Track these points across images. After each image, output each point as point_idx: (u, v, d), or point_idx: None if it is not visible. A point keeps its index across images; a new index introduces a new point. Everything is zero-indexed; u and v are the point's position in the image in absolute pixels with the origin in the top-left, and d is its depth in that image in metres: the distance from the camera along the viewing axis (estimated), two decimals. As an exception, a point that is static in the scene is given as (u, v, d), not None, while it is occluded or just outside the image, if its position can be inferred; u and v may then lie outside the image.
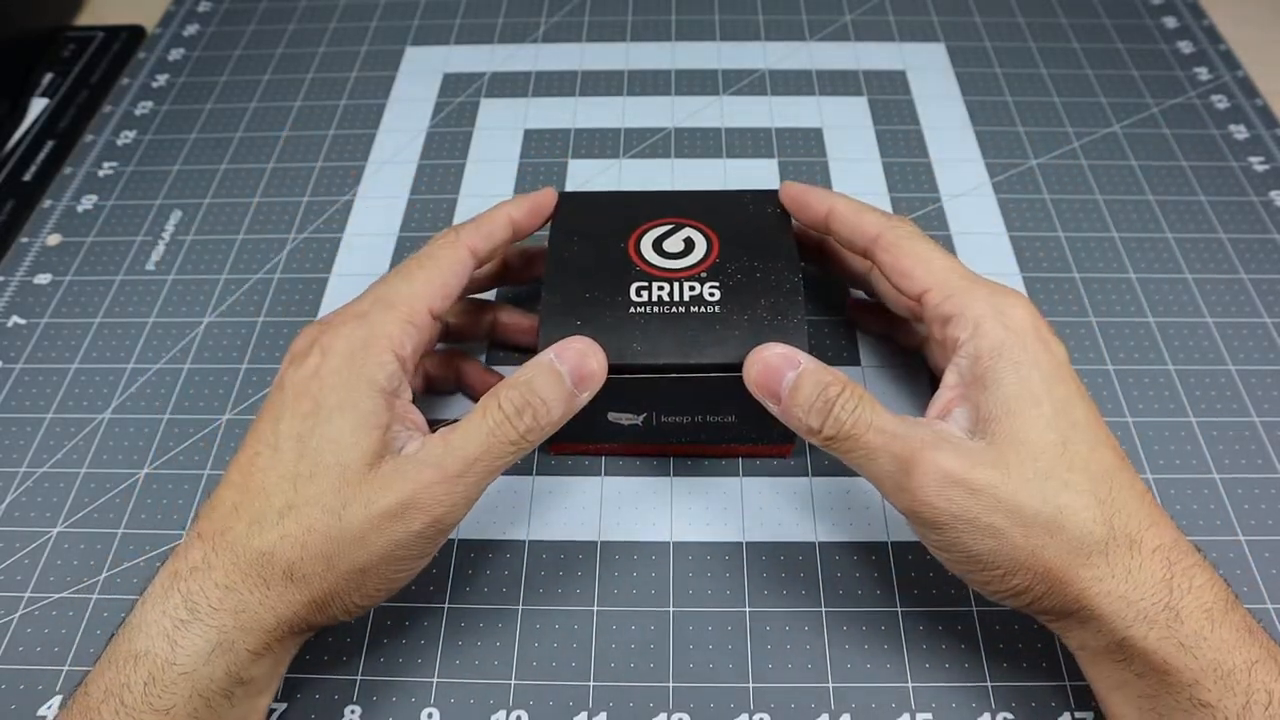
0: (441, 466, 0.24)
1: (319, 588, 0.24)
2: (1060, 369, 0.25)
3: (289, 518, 0.24)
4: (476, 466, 0.24)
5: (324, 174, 0.43)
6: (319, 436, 0.24)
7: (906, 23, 0.50)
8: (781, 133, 0.44)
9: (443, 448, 0.24)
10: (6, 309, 0.39)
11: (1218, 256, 0.39)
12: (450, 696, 0.28)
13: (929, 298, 0.27)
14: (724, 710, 0.27)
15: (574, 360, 0.26)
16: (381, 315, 0.27)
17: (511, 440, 0.25)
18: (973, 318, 0.26)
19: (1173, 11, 0.50)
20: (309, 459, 0.24)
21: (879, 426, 0.24)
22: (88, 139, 0.46)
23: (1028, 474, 0.23)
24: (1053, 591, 0.23)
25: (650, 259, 0.30)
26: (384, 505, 0.24)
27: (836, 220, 0.30)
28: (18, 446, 0.34)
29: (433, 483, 0.24)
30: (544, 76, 0.48)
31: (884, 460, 0.24)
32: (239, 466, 0.25)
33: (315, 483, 0.24)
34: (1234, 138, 0.44)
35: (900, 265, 0.28)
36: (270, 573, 0.23)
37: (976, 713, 0.27)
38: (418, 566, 0.26)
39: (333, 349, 0.26)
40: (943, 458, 0.24)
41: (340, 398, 0.25)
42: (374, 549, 0.24)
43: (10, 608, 0.30)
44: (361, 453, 0.24)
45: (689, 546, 0.31)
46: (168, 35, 0.51)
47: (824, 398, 0.25)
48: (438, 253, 0.29)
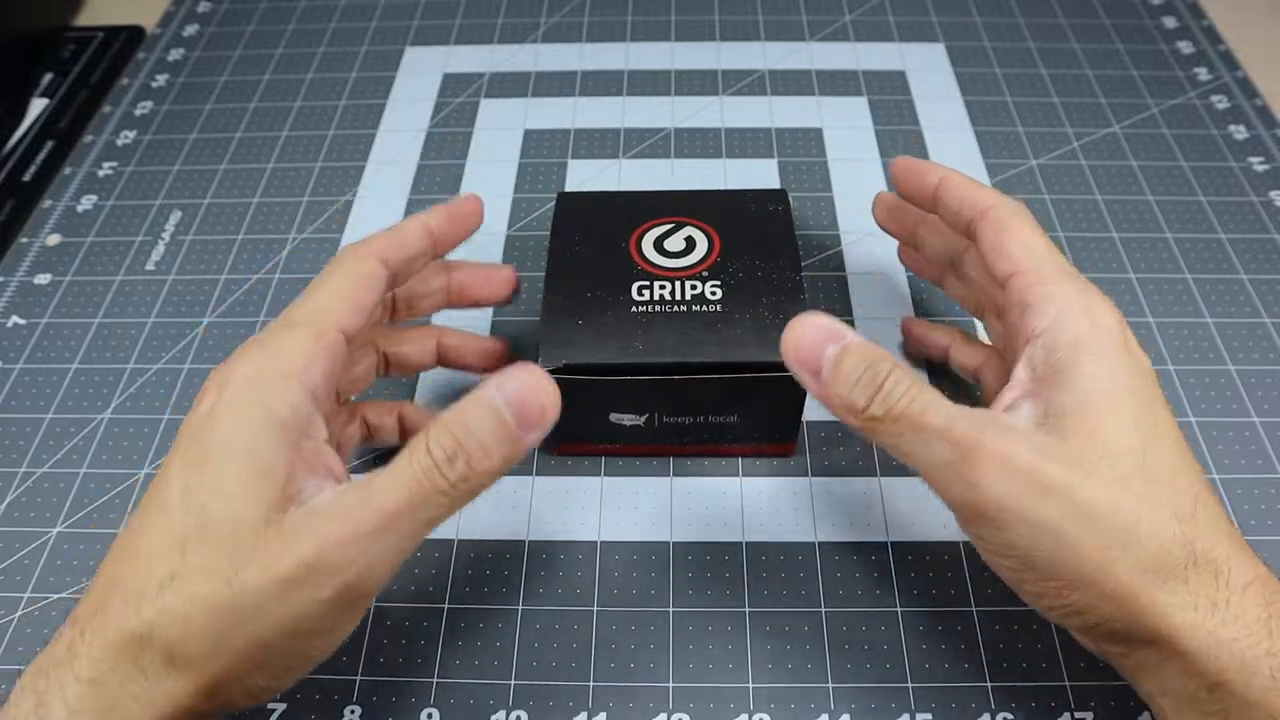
0: (355, 520, 0.20)
1: (209, 671, 0.20)
2: (1146, 376, 0.23)
3: (170, 590, 0.20)
4: (399, 523, 0.21)
5: (324, 174, 0.43)
6: (207, 489, 0.21)
7: (906, 23, 0.50)
8: (781, 133, 0.44)
9: (359, 498, 0.21)
10: (6, 309, 0.39)
11: (1217, 256, 0.39)
12: (450, 696, 0.28)
13: (1016, 280, 0.25)
14: (724, 710, 0.27)
15: (519, 396, 0.21)
16: (283, 338, 0.23)
17: (441, 490, 0.21)
18: (1056, 308, 0.23)
19: (1172, 11, 0.50)
20: (196, 516, 0.20)
21: (937, 408, 0.22)
22: (88, 139, 0.46)
23: (1104, 476, 0.21)
24: (1122, 614, 0.21)
25: (651, 258, 0.30)
26: (285, 568, 0.20)
27: (948, 190, 0.27)
28: (18, 446, 0.34)
29: (344, 540, 0.20)
30: (544, 76, 0.48)
31: (941, 446, 0.21)
32: (127, 529, 0.21)
33: (203, 545, 0.20)
34: (1234, 138, 0.44)
35: (1000, 241, 0.25)
36: (148, 658, 0.20)
37: (976, 713, 0.27)
38: (335, 640, 0.22)
39: (228, 383, 0.22)
40: (1012, 447, 0.21)
41: (232, 439, 0.21)
42: (275, 621, 0.20)
43: (10, 608, 0.30)
44: (258, 505, 0.20)
45: (689, 546, 0.31)
46: (168, 35, 0.51)
47: (872, 373, 0.22)
48: (344, 263, 0.25)
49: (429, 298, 0.30)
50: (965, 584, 0.30)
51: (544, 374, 0.22)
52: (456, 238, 0.28)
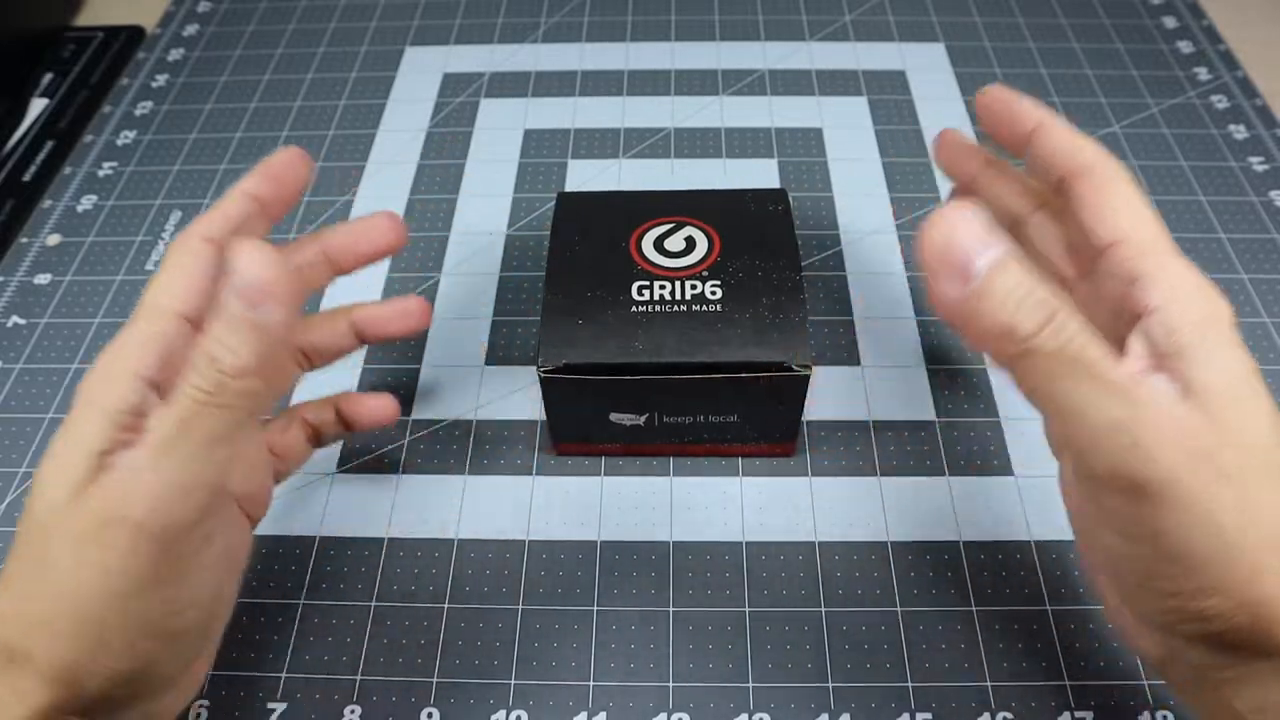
0: (131, 461, 0.20)
1: (49, 662, 0.19)
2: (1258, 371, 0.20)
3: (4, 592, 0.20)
4: (177, 448, 0.20)
5: (324, 174, 0.43)
6: (34, 485, 0.20)
7: (906, 23, 0.50)
8: (781, 133, 0.44)
9: (135, 443, 0.20)
10: (6, 309, 0.39)
11: (1217, 256, 0.39)
12: (450, 696, 0.28)
13: (1120, 249, 0.22)
14: (724, 710, 0.27)
15: (238, 274, 0.20)
16: (121, 334, 0.22)
17: (202, 401, 0.20)
18: (1171, 284, 0.21)
19: (1172, 11, 0.50)
20: (24, 515, 0.20)
21: (1104, 351, 0.19)
22: (87, 139, 0.46)
23: (1259, 466, 0.19)
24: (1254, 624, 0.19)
25: (652, 258, 0.30)
26: (85, 531, 0.19)
27: (1046, 137, 0.24)
28: (18, 446, 0.34)
29: (121, 483, 0.19)
30: (544, 76, 0.48)
31: (1110, 400, 0.19)
32: None
33: (27, 540, 0.20)
34: (1234, 138, 0.44)
35: (1106, 203, 0.22)
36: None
37: (976, 713, 0.27)
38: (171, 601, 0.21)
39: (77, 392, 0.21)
40: (1188, 415, 0.18)
41: (61, 436, 0.21)
42: (91, 589, 0.19)
43: (10, 608, 0.30)
44: (65, 483, 0.20)
45: (689, 546, 0.31)
46: (167, 35, 0.51)
47: (1041, 296, 0.19)
48: (168, 253, 0.24)
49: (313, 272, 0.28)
50: (965, 584, 0.30)
51: (258, 243, 0.21)
52: (281, 198, 0.26)
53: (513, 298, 0.38)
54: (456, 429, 0.34)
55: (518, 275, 0.39)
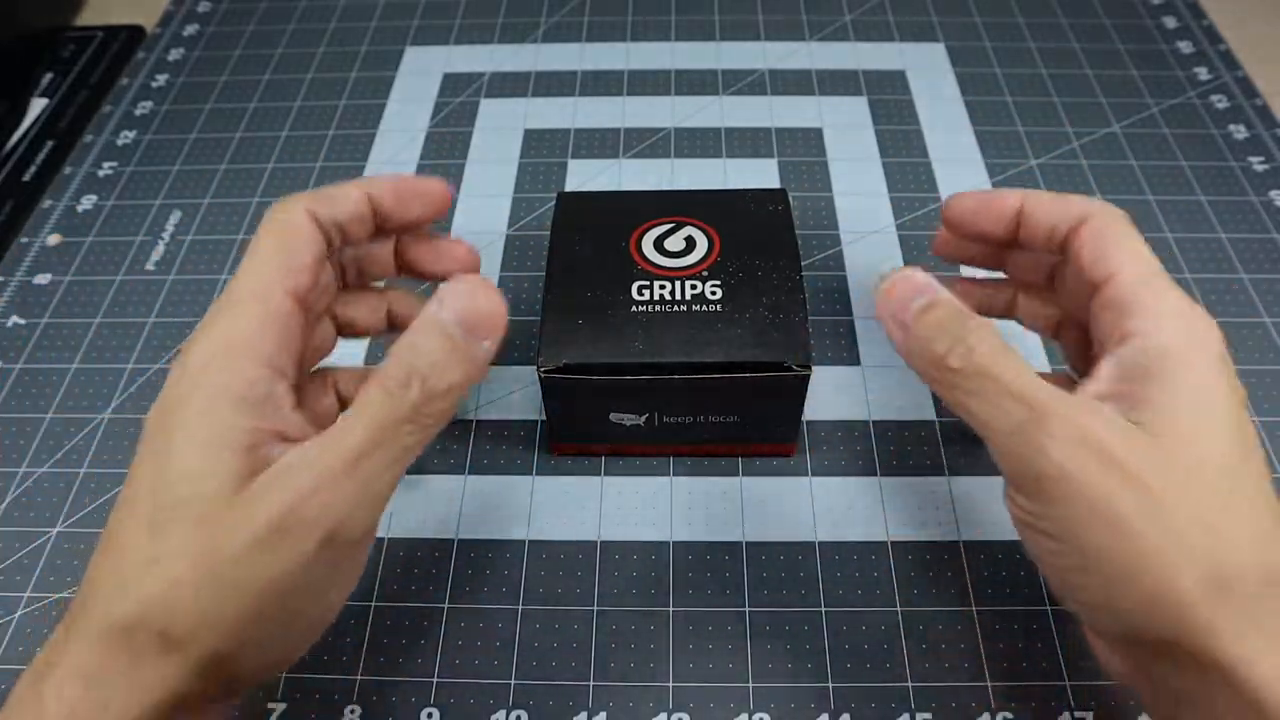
0: (321, 467, 0.20)
1: (204, 652, 0.20)
2: (1243, 404, 0.21)
3: (150, 575, 0.20)
4: (369, 461, 0.20)
5: (324, 174, 0.43)
6: (172, 471, 0.20)
7: (906, 23, 0.50)
8: (781, 133, 0.44)
9: (321, 446, 0.20)
10: (6, 309, 0.39)
11: (1218, 256, 0.39)
12: (450, 696, 0.28)
13: (1116, 281, 0.23)
14: (723, 710, 0.27)
15: (460, 304, 0.21)
16: (230, 315, 0.22)
17: (403, 418, 0.20)
18: (1158, 312, 0.22)
19: (1172, 11, 0.50)
20: (165, 499, 0.20)
21: (1017, 370, 0.21)
22: (88, 139, 0.46)
23: (1191, 481, 0.20)
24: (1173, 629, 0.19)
25: (651, 258, 0.30)
26: (259, 530, 0.19)
27: (1036, 208, 0.25)
28: (18, 446, 0.34)
29: (314, 489, 0.20)
30: (544, 76, 0.48)
31: (1012, 407, 0.21)
32: (103, 531, 0.21)
33: (176, 526, 0.20)
34: (1234, 138, 0.44)
35: (1102, 243, 0.24)
36: (139, 645, 0.19)
37: (976, 713, 0.27)
38: (333, 600, 0.22)
39: (184, 367, 0.21)
40: (1092, 421, 0.20)
41: (191, 420, 0.21)
42: (260, 587, 0.20)
43: (10, 608, 0.30)
44: (221, 479, 0.20)
45: (689, 546, 0.31)
46: (168, 35, 0.51)
47: (960, 326, 0.22)
48: (271, 223, 0.23)
49: (377, 264, 0.28)
50: (965, 584, 0.30)
51: (485, 281, 0.22)
52: (405, 216, 0.26)
53: (513, 298, 0.38)
54: (456, 429, 0.34)
55: (518, 275, 0.39)
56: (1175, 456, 0.20)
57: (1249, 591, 0.19)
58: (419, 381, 0.21)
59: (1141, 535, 0.19)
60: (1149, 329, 0.22)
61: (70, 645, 0.19)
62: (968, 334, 0.22)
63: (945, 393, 0.22)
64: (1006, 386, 0.21)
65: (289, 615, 0.21)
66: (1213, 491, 0.20)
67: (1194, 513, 0.19)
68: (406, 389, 0.21)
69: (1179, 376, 0.21)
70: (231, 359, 0.21)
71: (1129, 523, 0.19)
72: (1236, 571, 0.19)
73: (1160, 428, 0.20)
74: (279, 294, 0.22)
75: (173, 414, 0.21)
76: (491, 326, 0.22)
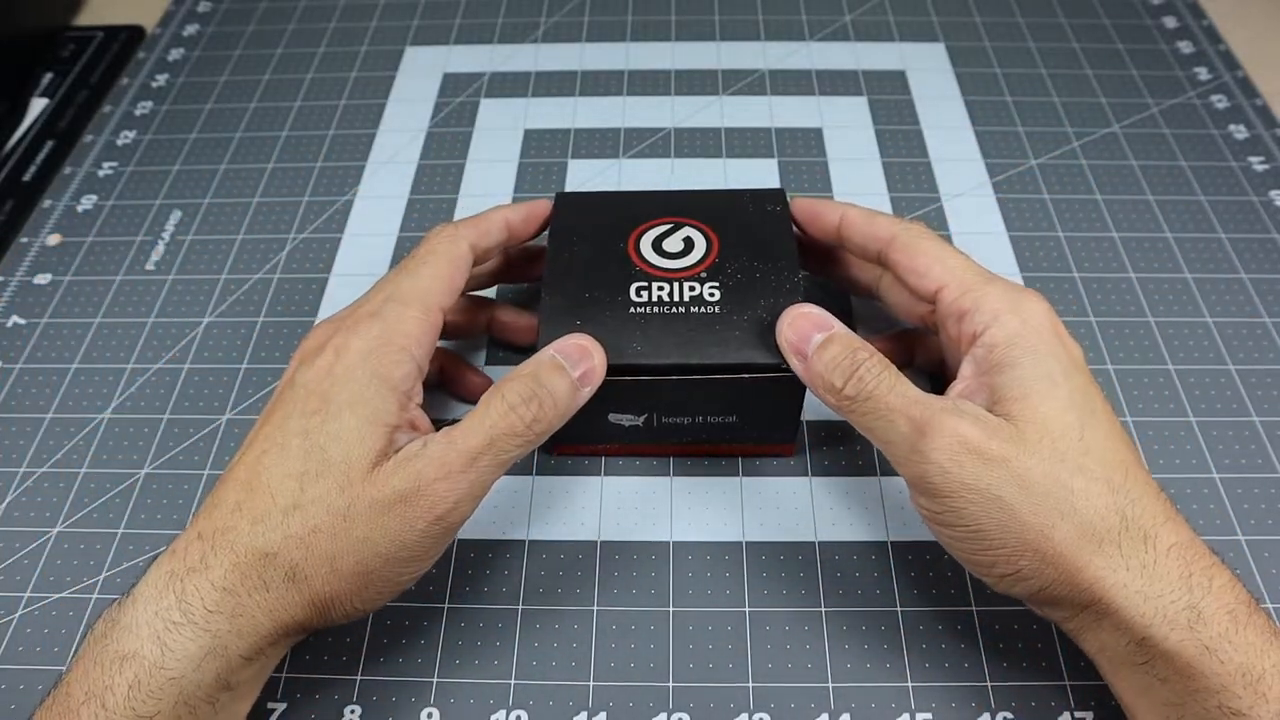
0: (445, 461, 0.24)
1: (320, 590, 0.23)
2: (1077, 363, 0.25)
3: (293, 517, 0.23)
4: (481, 460, 0.24)
5: (324, 174, 0.43)
6: (326, 434, 0.24)
7: (906, 23, 0.50)
8: (781, 133, 0.44)
9: (445, 443, 0.24)
10: (6, 309, 0.39)
11: (1217, 256, 0.39)
12: (450, 696, 0.28)
13: (944, 294, 0.27)
14: (724, 710, 0.27)
15: (576, 355, 0.26)
16: (397, 313, 0.26)
17: (518, 431, 0.24)
18: (990, 311, 0.26)
19: (1172, 11, 0.50)
20: (315, 456, 0.24)
21: (900, 391, 0.25)
22: (88, 139, 0.46)
23: (1044, 451, 0.23)
24: (1062, 580, 0.23)
25: (650, 259, 0.30)
26: (388, 504, 0.23)
27: (849, 228, 0.30)
28: (18, 446, 0.34)
29: (437, 478, 0.24)
30: (544, 76, 0.48)
31: (901, 423, 0.24)
32: (245, 464, 0.24)
33: (321, 481, 0.23)
34: (1234, 138, 0.44)
35: (915, 264, 0.28)
36: (271, 574, 0.23)
37: (976, 713, 0.27)
38: (422, 568, 0.25)
39: (348, 348, 0.25)
40: (960, 424, 0.23)
41: (352, 395, 0.25)
42: (378, 549, 0.23)
43: (10, 608, 0.30)
44: (367, 450, 0.24)
45: (689, 546, 0.31)
46: (167, 35, 0.51)
47: (851, 359, 0.25)
48: (440, 248, 0.28)
49: (484, 277, 0.34)
50: (965, 584, 0.30)
51: (594, 340, 0.27)
52: (527, 234, 0.32)
53: (513, 298, 0.38)
54: (456, 429, 0.34)
55: (518, 275, 0.39)
56: (1028, 434, 0.23)
57: (1111, 535, 0.22)
58: (537, 404, 0.25)
59: (1016, 508, 0.23)
60: (986, 327, 0.26)
61: (212, 559, 0.23)
62: (858, 366, 0.25)
63: (845, 415, 0.26)
64: (892, 406, 0.24)
65: (388, 573, 0.24)
66: (1063, 457, 0.23)
67: (1052, 479, 0.23)
68: (527, 405, 0.25)
69: (1017, 362, 0.25)
70: (393, 352, 0.25)
71: (1004, 500, 0.23)
72: (1098, 521, 0.22)
73: (1013, 412, 0.24)
74: (437, 308, 0.27)
75: (337, 384, 0.25)
76: (594, 379, 0.27)
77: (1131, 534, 0.22)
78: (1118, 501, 0.23)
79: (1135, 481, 0.23)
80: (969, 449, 0.23)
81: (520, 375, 0.25)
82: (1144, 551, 0.22)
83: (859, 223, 0.30)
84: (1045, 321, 0.26)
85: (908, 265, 0.28)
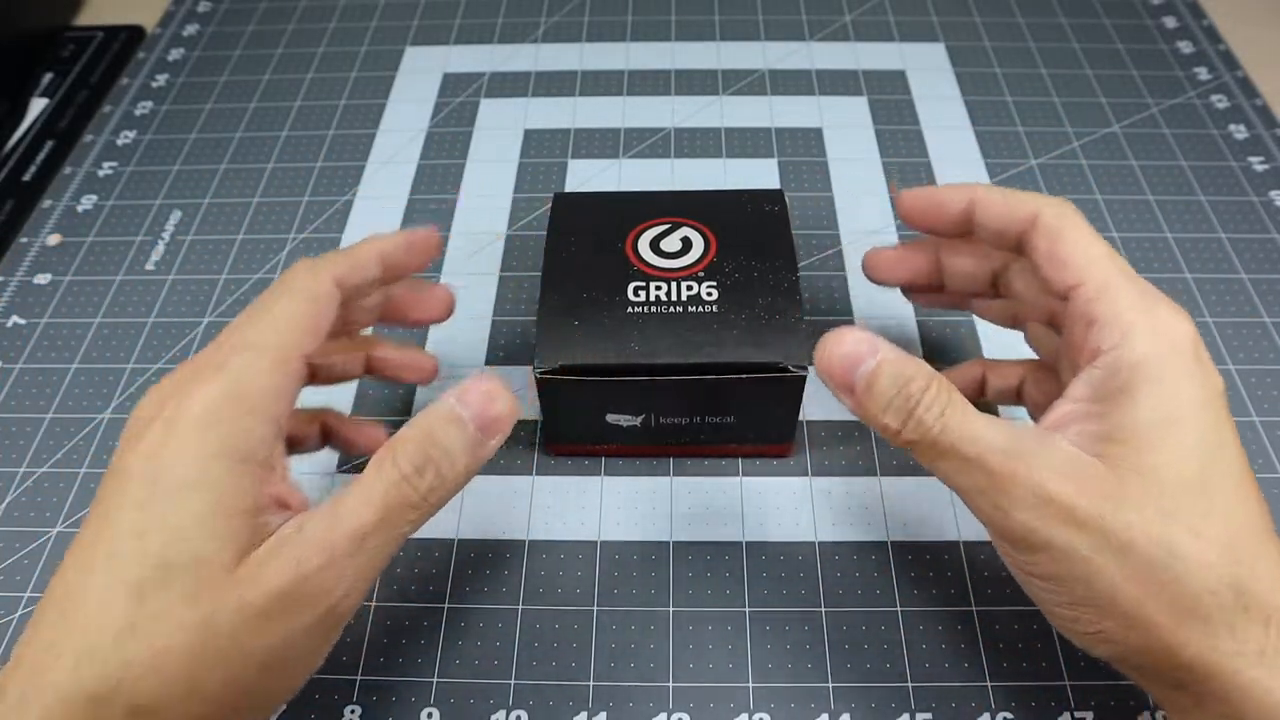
0: (328, 544, 0.20)
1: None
2: (1215, 400, 0.21)
3: (132, 641, 0.18)
4: (371, 541, 0.20)
5: (324, 174, 0.43)
6: (167, 530, 0.19)
7: (906, 23, 0.50)
8: (781, 133, 0.44)
9: (328, 523, 0.20)
10: (6, 309, 0.39)
11: (1217, 256, 0.39)
12: (450, 696, 0.28)
13: (1080, 293, 0.23)
14: (724, 710, 0.27)
15: (479, 404, 0.22)
16: (246, 365, 0.21)
17: (413, 504, 0.21)
18: (1123, 324, 0.22)
19: (1173, 11, 0.50)
20: (154, 561, 0.19)
21: (971, 434, 0.21)
22: (88, 139, 0.46)
23: (1149, 509, 0.20)
24: (1154, 652, 0.20)
25: (648, 258, 0.30)
26: (261, 604, 0.19)
27: (984, 209, 0.26)
28: (18, 446, 0.34)
29: (320, 566, 0.20)
30: (544, 76, 0.48)
31: (976, 475, 0.21)
32: (64, 580, 0.19)
33: (165, 591, 0.19)
34: (1234, 138, 0.44)
35: (1059, 251, 0.23)
36: (107, 716, 0.18)
37: (976, 712, 0.27)
38: (310, 670, 0.21)
39: (181, 417, 0.20)
40: (1047, 478, 0.20)
41: (191, 477, 0.20)
42: (254, 660, 0.19)
43: (10, 608, 0.30)
44: (221, 545, 0.19)
45: (689, 546, 0.31)
46: (168, 35, 0.51)
47: (905, 394, 0.22)
48: (296, 284, 0.23)
49: (364, 315, 0.28)
50: (965, 584, 0.30)
51: (501, 383, 0.23)
52: (410, 268, 0.27)
53: (513, 298, 0.38)
54: (456, 429, 0.34)
55: (518, 275, 0.39)
56: (1131, 488, 0.20)
57: (1223, 612, 0.19)
58: (433, 470, 0.21)
59: (1108, 573, 0.20)
60: (1112, 342, 0.22)
61: (30, 698, 0.18)
62: (916, 404, 0.21)
63: (909, 453, 0.23)
64: (961, 455, 0.21)
65: (269, 686, 0.20)
66: (1174, 515, 0.20)
67: (1156, 541, 0.20)
68: (421, 476, 0.21)
69: (1137, 396, 0.21)
70: (241, 416, 0.21)
71: (1094, 563, 0.20)
72: (1208, 594, 0.19)
73: (1120, 456, 0.21)
74: (296, 355, 0.22)
75: (166, 463, 0.20)
76: (503, 428, 0.23)
77: (1250, 613, 0.19)
78: (1236, 574, 0.19)
79: (1263, 550, 0.20)
80: (1055, 507, 0.20)
81: (412, 436, 0.21)
82: (1264, 636, 0.19)
83: (996, 202, 0.25)
84: (1184, 346, 0.22)
85: (1049, 251, 0.24)
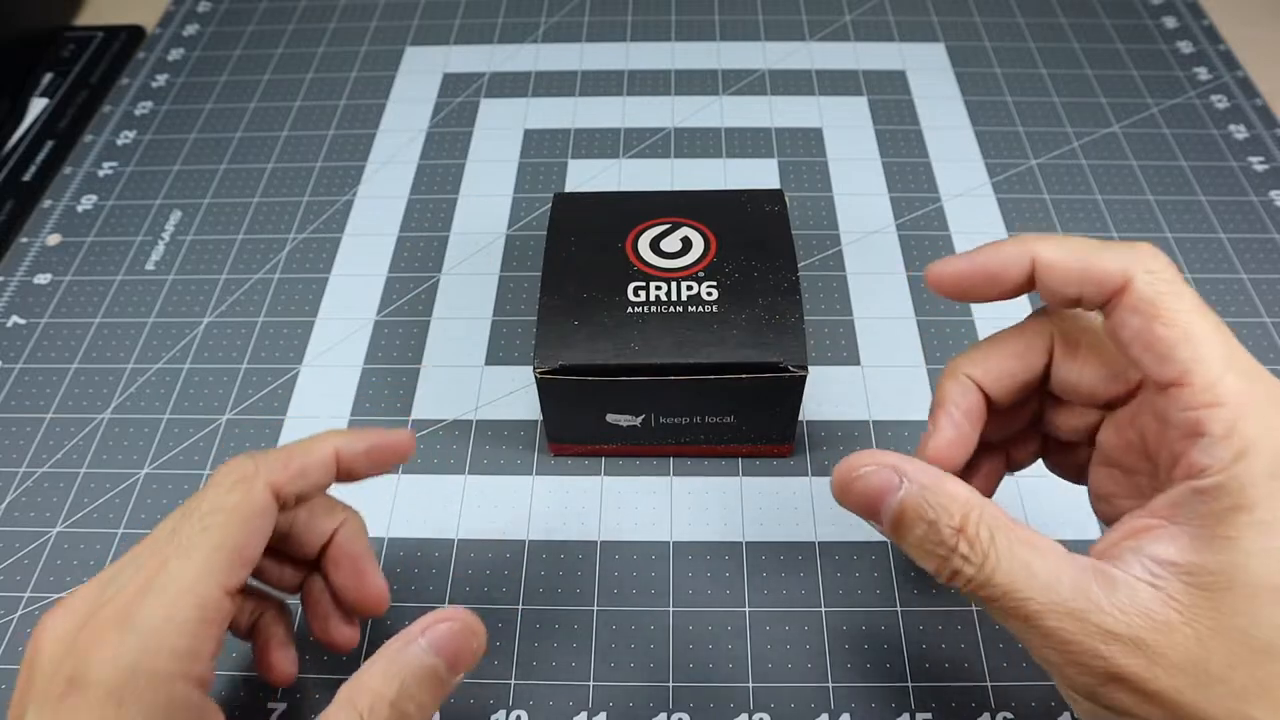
0: None
1: None
2: None
3: None
4: None
5: (324, 174, 0.43)
6: None
7: (906, 23, 0.50)
8: (781, 133, 0.44)
9: None
10: (6, 309, 0.39)
11: (1218, 256, 0.39)
12: (451, 696, 0.28)
13: (1180, 394, 0.19)
14: (724, 710, 0.27)
15: (451, 647, 0.21)
16: (156, 618, 0.19)
17: None
18: (1239, 442, 0.18)
19: (1173, 11, 0.50)
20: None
21: (1020, 585, 0.18)
22: (88, 139, 0.46)
23: (1234, 680, 0.17)
24: None
25: (648, 258, 0.30)
26: None
27: (1051, 273, 0.20)
28: (18, 446, 0.34)
29: None
30: (544, 76, 0.48)
31: (1031, 635, 0.19)
32: None
33: None
34: (1234, 138, 0.44)
35: (1155, 334, 0.19)
36: None
37: (976, 712, 0.27)
38: None
39: (87, 680, 0.18)
40: (1115, 652, 0.18)
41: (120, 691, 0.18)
42: None
43: (10, 608, 0.30)
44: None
45: (689, 546, 0.31)
46: (167, 35, 0.51)
47: (935, 538, 0.19)
48: (228, 502, 0.21)
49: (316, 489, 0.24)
50: (965, 584, 0.30)
51: (473, 617, 0.22)
52: (374, 470, 0.24)
53: (512, 298, 0.38)
54: (456, 429, 0.34)
55: (517, 275, 0.39)
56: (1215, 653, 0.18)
57: None
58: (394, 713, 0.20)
59: None
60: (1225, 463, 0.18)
61: None
62: (951, 554, 0.19)
63: None
64: (1014, 613, 0.19)
65: None
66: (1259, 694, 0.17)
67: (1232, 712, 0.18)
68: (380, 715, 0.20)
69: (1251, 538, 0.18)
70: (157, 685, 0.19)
71: None
72: None
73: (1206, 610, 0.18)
74: (220, 597, 0.20)
75: None
76: (472, 663, 0.22)
77: None
78: None
79: None
80: (1123, 683, 0.18)
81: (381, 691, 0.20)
82: None
83: (1069, 263, 0.20)
84: None
85: (1143, 332, 0.19)
